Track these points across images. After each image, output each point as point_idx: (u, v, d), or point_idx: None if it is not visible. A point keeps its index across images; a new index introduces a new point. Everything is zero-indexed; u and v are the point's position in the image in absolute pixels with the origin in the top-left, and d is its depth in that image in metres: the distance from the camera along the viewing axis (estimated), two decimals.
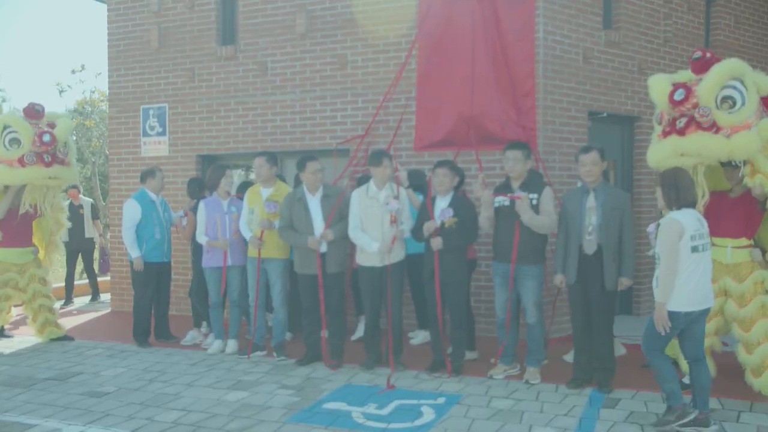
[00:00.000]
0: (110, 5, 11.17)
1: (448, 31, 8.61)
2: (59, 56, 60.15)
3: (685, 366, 5.79)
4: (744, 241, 6.20)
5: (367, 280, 7.20)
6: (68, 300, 11.87)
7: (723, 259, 6.21)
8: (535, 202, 6.62)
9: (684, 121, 5.80)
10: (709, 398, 5.46)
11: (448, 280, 6.92)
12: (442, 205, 6.93)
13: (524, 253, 6.65)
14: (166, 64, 10.69)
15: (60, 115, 8.99)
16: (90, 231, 12.02)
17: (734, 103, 5.70)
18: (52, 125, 8.54)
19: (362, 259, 7.21)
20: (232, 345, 8.05)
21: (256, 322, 7.81)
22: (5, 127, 8.29)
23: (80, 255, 12.00)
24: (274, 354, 7.74)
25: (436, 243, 6.82)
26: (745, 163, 5.88)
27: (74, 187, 11.73)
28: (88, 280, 12.35)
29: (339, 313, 7.41)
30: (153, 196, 8.54)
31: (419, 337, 8.39)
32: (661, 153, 5.97)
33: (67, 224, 9.30)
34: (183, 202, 9.62)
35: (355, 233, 7.17)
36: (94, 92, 20.80)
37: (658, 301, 5.30)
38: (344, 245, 7.43)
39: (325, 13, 9.57)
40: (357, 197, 7.24)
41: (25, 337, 9.07)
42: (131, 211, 8.38)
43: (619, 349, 7.30)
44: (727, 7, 10.77)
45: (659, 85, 6.05)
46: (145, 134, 10.87)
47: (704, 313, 5.42)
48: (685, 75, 6.05)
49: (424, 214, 7.03)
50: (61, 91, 21.39)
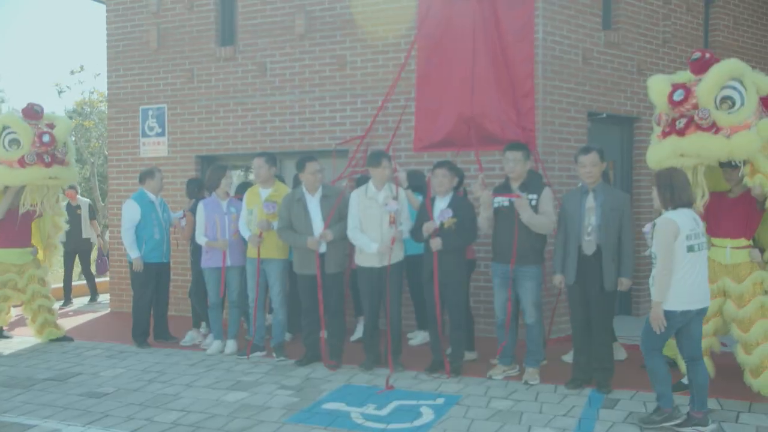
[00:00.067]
0: (109, 6, 11.17)
1: (447, 31, 8.59)
2: (58, 57, 60.18)
3: (684, 367, 5.79)
4: (743, 242, 6.20)
5: (366, 281, 7.20)
6: (67, 300, 11.87)
7: (722, 260, 6.22)
8: (534, 203, 6.62)
9: (683, 121, 5.79)
10: (707, 398, 5.46)
11: (448, 281, 6.91)
12: (441, 206, 6.92)
13: (523, 254, 6.65)
14: (165, 65, 10.68)
15: (58, 116, 8.99)
16: (87, 231, 11.99)
17: (734, 104, 5.69)
18: (51, 125, 8.54)
19: (361, 260, 7.21)
20: (231, 345, 8.05)
21: (256, 323, 7.81)
22: (4, 128, 8.29)
23: (77, 256, 11.98)
24: (274, 354, 7.74)
25: (435, 243, 6.81)
26: (745, 163, 5.89)
27: (72, 187, 11.73)
28: (86, 282, 12.33)
29: (338, 313, 7.41)
30: (152, 197, 8.53)
31: (418, 338, 8.39)
32: (661, 154, 5.96)
33: (65, 227, 9.29)
34: (182, 203, 9.62)
35: (354, 234, 7.17)
36: (93, 93, 20.80)
37: (654, 300, 5.33)
38: (343, 246, 7.43)
39: (324, 14, 9.57)
40: (356, 198, 7.24)
41: (25, 338, 9.06)
42: (130, 212, 8.37)
43: (620, 354, 7.30)
44: (726, 8, 10.79)
45: (658, 86, 6.05)
46: (144, 135, 10.87)
47: (701, 313, 5.42)
48: (684, 75, 6.04)
49: (423, 214, 7.03)
50: (60, 92, 21.39)
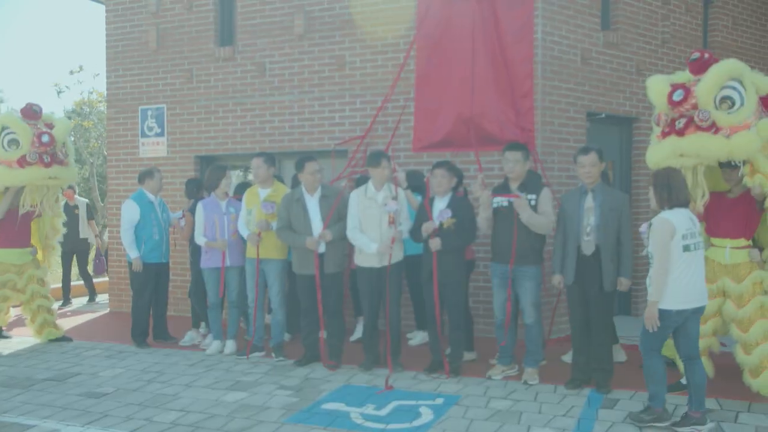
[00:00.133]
0: (108, 6, 11.16)
1: (447, 32, 8.59)
2: (57, 57, 60.15)
3: (683, 367, 5.79)
4: (743, 242, 6.20)
5: (365, 281, 7.20)
6: (66, 301, 11.85)
7: (722, 260, 6.21)
8: (533, 203, 6.61)
9: (683, 121, 5.79)
10: (705, 397, 5.46)
11: (447, 281, 6.91)
12: (440, 206, 6.92)
13: (522, 254, 6.64)
14: (165, 65, 10.68)
15: (57, 117, 8.98)
16: (85, 231, 11.97)
17: (733, 104, 5.69)
18: (50, 125, 8.53)
19: (361, 260, 7.21)
20: (231, 345, 8.05)
21: (255, 323, 7.81)
22: (3, 128, 8.28)
23: (75, 256, 11.96)
24: (273, 354, 7.74)
25: (435, 244, 6.81)
26: (745, 163, 5.89)
27: (70, 187, 11.72)
28: (83, 282, 12.32)
29: (337, 313, 7.41)
30: (151, 197, 8.52)
31: (418, 338, 8.39)
32: (661, 154, 5.96)
33: (63, 230, 9.28)
34: (181, 203, 9.62)
35: (353, 234, 7.17)
36: (92, 93, 20.79)
37: (650, 300, 5.35)
38: (342, 246, 7.43)
39: (323, 14, 9.56)
40: (355, 198, 7.24)
41: (24, 338, 9.05)
42: (130, 212, 8.37)
43: (620, 356, 7.29)
44: (725, 8, 10.80)
45: (658, 86, 6.04)
46: (144, 135, 10.86)
47: (698, 312, 5.43)
48: (684, 76, 6.04)
49: (422, 215, 7.02)
50: (60, 92, 21.39)
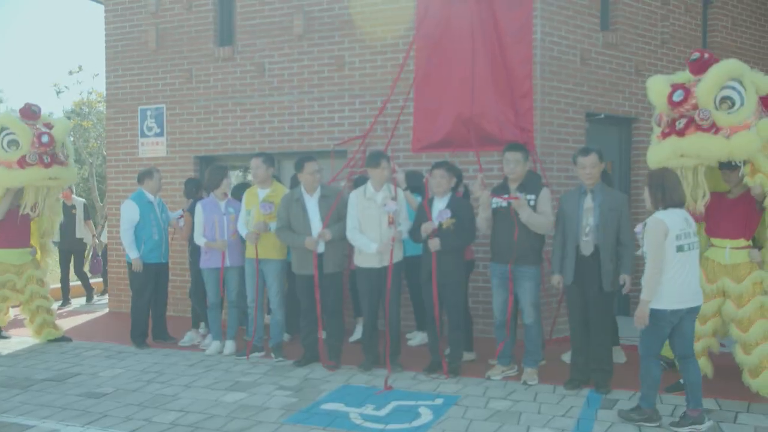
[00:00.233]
0: (108, 6, 11.16)
1: (446, 32, 8.59)
2: (57, 57, 60.18)
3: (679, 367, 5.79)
4: (742, 242, 6.20)
5: (365, 281, 7.20)
6: (65, 301, 11.83)
7: (721, 260, 6.22)
8: (532, 203, 6.61)
9: (683, 122, 5.79)
10: (702, 396, 5.45)
11: (446, 282, 6.91)
12: (440, 207, 6.91)
13: (522, 254, 6.64)
14: (164, 65, 10.67)
15: (56, 118, 8.99)
16: (81, 231, 11.94)
17: (733, 104, 5.70)
18: (49, 126, 8.53)
19: (360, 261, 7.21)
20: (230, 346, 8.04)
21: (255, 323, 7.80)
22: (3, 129, 8.28)
23: (73, 256, 11.96)
24: (272, 355, 7.73)
25: (434, 244, 6.80)
26: (745, 163, 5.89)
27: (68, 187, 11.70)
28: (80, 282, 12.28)
29: (336, 313, 7.40)
30: (151, 197, 8.51)
31: (417, 339, 8.38)
32: (661, 154, 5.96)
33: (56, 236, 9.26)
34: (181, 203, 9.61)
35: (353, 235, 7.17)
36: (91, 93, 20.72)
37: (643, 299, 5.37)
38: (342, 246, 7.43)
39: (322, 14, 9.56)
40: (354, 199, 7.23)
41: (23, 338, 9.04)
42: (129, 212, 8.36)
43: (620, 357, 7.29)
44: (724, 9, 10.80)
45: (658, 87, 6.05)
46: (143, 135, 10.85)
47: (692, 311, 5.45)
48: (684, 76, 6.04)
49: (422, 215, 7.02)
50: (59, 92, 21.32)
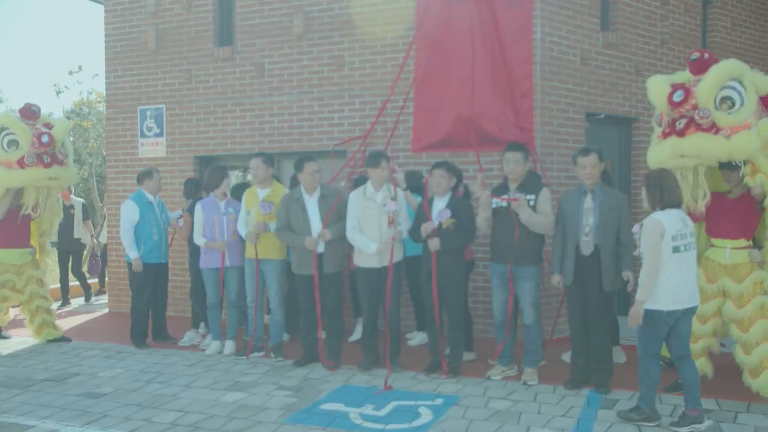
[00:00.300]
0: (107, 6, 11.15)
1: (446, 32, 8.58)
2: (56, 57, 60.18)
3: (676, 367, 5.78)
4: (743, 242, 6.19)
5: (365, 281, 7.20)
6: (65, 301, 11.83)
7: (722, 260, 6.21)
8: (532, 203, 6.60)
9: (683, 122, 5.79)
10: (701, 396, 5.45)
11: (446, 281, 6.90)
12: (439, 206, 6.90)
13: (522, 254, 6.63)
14: (164, 65, 10.67)
15: (55, 118, 8.98)
16: (79, 232, 11.92)
17: (733, 104, 5.69)
18: (49, 126, 8.52)
19: (360, 261, 7.21)
20: (230, 346, 8.04)
21: (255, 323, 7.80)
22: (2, 129, 8.27)
23: (71, 256, 11.94)
24: (272, 355, 7.73)
25: (434, 244, 6.79)
26: (745, 163, 5.88)
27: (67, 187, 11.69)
28: (78, 282, 12.26)
29: (336, 313, 7.40)
30: (150, 197, 8.50)
31: (417, 339, 8.37)
32: (661, 154, 5.96)
33: (54, 237, 9.26)
34: (180, 203, 9.60)
35: (353, 234, 7.16)
36: (91, 93, 20.72)
37: (638, 299, 5.38)
38: (341, 246, 7.42)
39: (322, 14, 9.55)
40: (354, 199, 7.23)
41: (23, 338, 9.04)
42: (129, 213, 8.35)
43: (620, 357, 7.29)
44: (724, 9, 10.79)
45: (658, 87, 6.04)
46: (143, 135, 10.85)
47: (689, 312, 5.46)
48: (684, 76, 6.03)
49: (421, 215, 7.01)
50: (59, 92, 21.32)
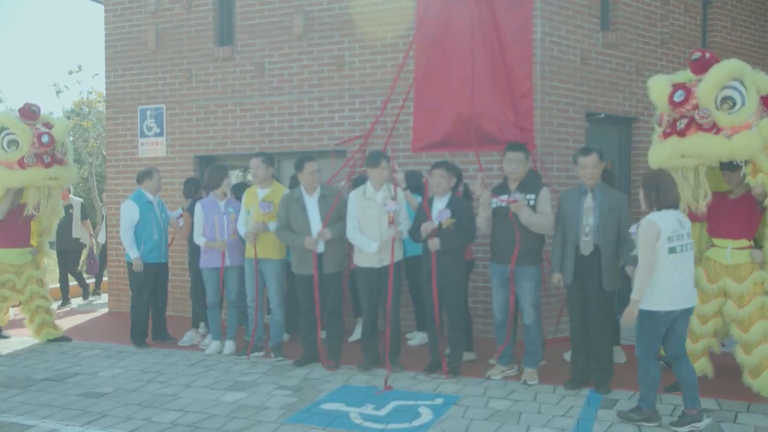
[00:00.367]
0: (107, 6, 11.14)
1: (446, 32, 8.58)
2: (56, 57, 60.14)
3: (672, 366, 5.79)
4: (744, 242, 6.18)
5: (365, 281, 7.19)
6: (65, 301, 11.83)
7: (723, 260, 6.20)
8: (532, 203, 6.60)
9: (684, 122, 5.78)
10: (698, 394, 5.45)
11: (446, 281, 6.90)
12: (439, 206, 6.90)
13: (522, 254, 6.62)
14: (164, 65, 10.66)
15: (55, 117, 8.97)
16: (77, 231, 11.91)
17: (734, 104, 5.68)
18: (49, 125, 8.51)
19: (360, 261, 7.20)
20: (230, 346, 8.04)
21: (255, 323, 7.79)
22: (2, 129, 8.26)
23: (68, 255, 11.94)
24: (272, 355, 7.73)
25: (434, 244, 6.79)
26: (746, 163, 5.87)
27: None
28: (76, 281, 12.22)
29: (336, 313, 7.40)
30: (150, 197, 8.50)
31: (417, 339, 8.37)
32: (662, 154, 5.95)
33: (52, 237, 9.26)
34: (180, 203, 9.60)
35: (353, 234, 7.16)
36: (91, 93, 20.72)
37: (632, 298, 5.39)
38: (341, 245, 7.42)
39: (322, 14, 9.55)
40: (354, 199, 7.22)
41: (23, 338, 9.04)
42: (129, 212, 8.35)
43: (620, 357, 7.28)
44: (724, 9, 10.79)
45: (659, 87, 6.03)
46: (143, 135, 10.84)
47: (686, 312, 5.47)
48: (685, 76, 6.02)
49: (421, 215, 7.01)
50: (59, 92, 21.32)
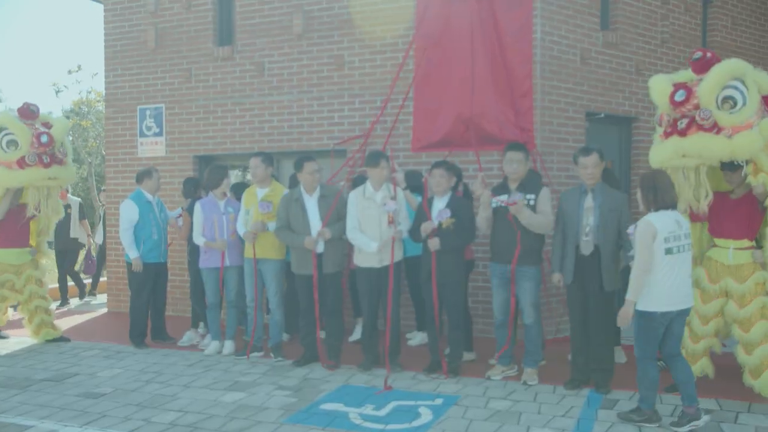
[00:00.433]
0: (107, 5, 11.12)
1: (446, 32, 8.54)
2: (56, 56, 60.10)
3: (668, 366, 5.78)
4: (746, 243, 6.15)
5: (365, 281, 7.18)
6: (64, 301, 11.81)
7: (725, 260, 6.18)
8: (532, 203, 6.58)
9: (685, 122, 5.76)
10: (696, 392, 5.45)
11: (446, 281, 6.88)
12: (439, 206, 6.89)
13: (522, 254, 6.60)
14: (163, 65, 10.64)
15: (54, 117, 8.95)
16: (75, 231, 11.88)
17: (735, 103, 5.66)
18: (48, 125, 8.49)
19: (360, 260, 7.19)
20: (229, 346, 8.02)
21: (255, 323, 7.78)
22: (1, 129, 8.23)
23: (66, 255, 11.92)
24: (272, 355, 7.71)
25: (434, 243, 6.78)
26: (748, 162, 5.85)
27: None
28: (73, 281, 12.20)
29: (336, 313, 7.38)
30: (149, 197, 8.48)
31: (417, 338, 8.36)
32: (663, 154, 5.93)
33: (50, 236, 9.24)
34: (180, 203, 9.58)
35: (353, 234, 7.14)
36: (90, 92, 20.77)
37: (627, 298, 5.39)
38: (341, 245, 7.41)
39: (322, 13, 9.54)
40: (354, 199, 7.21)
41: (21, 338, 9.02)
42: (129, 212, 8.33)
43: (620, 357, 7.27)
44: (724, 8, 10.78)
45: (660, 86, 6.00)
46: (142, 135, 10.83)
47: (683, 313, 5.48)
48: (686, 75, 6.00)
49: (421, 215, 7.00)
50: (58, 92, 21.40)
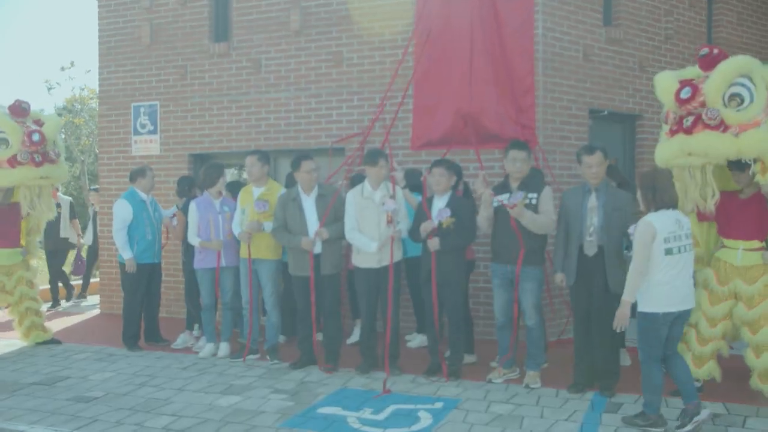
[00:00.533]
0: (101, 1, 11.05)
1: (446, 28, 8.49)
2: (48, 53, 59.97)
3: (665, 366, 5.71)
4: (756, 244, 6.06)
5: (363, 282, 7.10)
6: (55, 302, 11.68)
7: (734, 261, 6.09)
8: (534, 202, 6.51)
9: (691, 119, 5.68)
10: (695, 388, 5.45)
11: (446, 282, 6.81)
12: (439, 205, 6.82)
13: (524, 255, 6.51)
14: (158, 61, 10.56)
15: (46, 114, 8.83)
16: (66, 231, 11.76)
17: (742, 101, 5.58)
18: (39, 123, 8.38)
19: (359, 261, 7.09)
20: (224, 348, 7.93)
21: (251, 325, 7.67)
22: None
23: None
24: (268, 357, 7.63)
25: (433, 244, 6.70)
26: (755, 161, 5.76)
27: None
28: (61, 282, 12.03)
29: (334, 315, 7.30)
30: (143, 196, 8.38)
31: (416, 340, 8.29)
32: (669, 152, 5.86)
33: (41, 236, 9.13)
34: (174, 202, 9.48)
35: (352, 234, 7.06)
36: (83, 89, 20.69)
37: (623, 299, 5.39)
38: (339, 246, 7.35)
39: (319, 9, 9.48)
40: (352, 198, 7.13)
41: (11, 341, 8.92)
42: (122, 212, 8.23)
43: (625, 360, 7.19)
44: (729, 4, 10.74)
45: (665, 83, 5.93)
46: (136, 132, 10.73)
47: (684, 314, 5.48)
48: (692, 72, 5.93)
49: (421, 214, 6.92)
50: (50, 89, 21.35)
